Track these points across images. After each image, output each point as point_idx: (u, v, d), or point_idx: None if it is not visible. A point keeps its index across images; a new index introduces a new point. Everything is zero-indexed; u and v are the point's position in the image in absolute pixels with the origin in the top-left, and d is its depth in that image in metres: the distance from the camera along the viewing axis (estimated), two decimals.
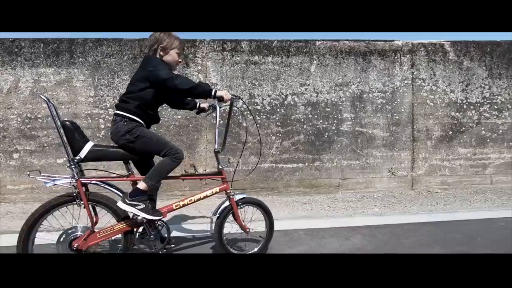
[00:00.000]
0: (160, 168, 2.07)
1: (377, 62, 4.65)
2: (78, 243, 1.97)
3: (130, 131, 2.05)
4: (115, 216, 2.09)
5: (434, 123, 4.73)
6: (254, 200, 2.38)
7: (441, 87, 4.74)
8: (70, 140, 2.01)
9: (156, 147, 2.08)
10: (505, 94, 4.84)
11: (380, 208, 3.79)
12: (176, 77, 2.01)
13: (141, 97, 2.08)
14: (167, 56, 2.19)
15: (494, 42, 4.82)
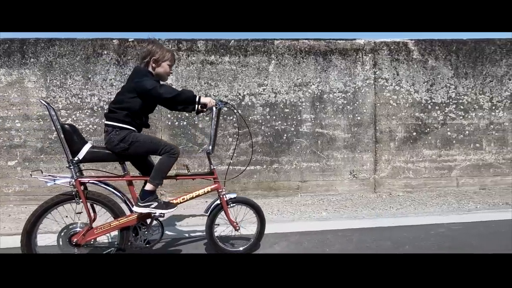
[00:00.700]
0: (160, 167, 2.20)
1: (338, 62, 4.55)
2: (77, 238, 2.12)
3: (123, 140, 2.16)
4: (112, 214, 2.23)
5: (397, 124, 4.62)
6: (244, 200, 2.52)
7: (404, 87, 4.63)
8: (69, 142, 2.14)
9: (151, 147, 2.21)
10: (472, 94, 4.72)
11: (330, 212, 3.70)
12: (160, 87, 2.13)
13: (129, 107, 2.17)
14: (159, 68, 2.29)
15: (460, 40, 4.70)
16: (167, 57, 2.30)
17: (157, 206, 2.18)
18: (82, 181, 2.16)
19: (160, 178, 2.20)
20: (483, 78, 4.75)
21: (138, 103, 2.18)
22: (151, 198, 2.18)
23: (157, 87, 2.12)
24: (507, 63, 4.77)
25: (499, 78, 4.77)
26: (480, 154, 4.75)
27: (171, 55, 2.34)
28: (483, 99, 4.75)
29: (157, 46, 2.29)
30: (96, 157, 2.19)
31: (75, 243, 2.12)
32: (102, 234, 2.19)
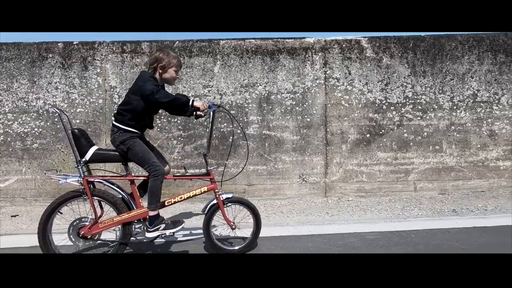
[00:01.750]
0: (151, 192, 2.42)
1: (286, 61, 4.42)
2: (84, 231, 2.38)
3: (123, 142, 2.41)
4: (115, 210, 2.45)
5: (349, 125, 4.46)
6: (240, 199, 2.67)
7: (357, 86, 4.46)
8: (77, 145, 2.42)
9: (140, 160, 2.44)
10: (430, 94, 4.50)
11: (273, 217, 3.59)
12: (157, 92, 2.32)
13: (134, 109, 2.41)
14: (165, 74, 2.50)
15: (417, 37, 4.50)
16: (173, 63, 2.50)
17: (166, 227, 2.41)
18: (89, 180, 2.42)
19: (155, 201, 2.41)
20: (443, 76, 4.51)
21: (142, 105, 2.40)
22: (158, 221, 2.40)
23: (154, 92, 2.30)
24: (469, 60, 4.52)
25: (460, 76, 4.52)
26: (440, 157, 4.52)
27: (177, 61, 2.54)
28: (443, 98, 4.52)
29: (163, 53, 2.49)
30: (101, 158, 2.48)
31: (82, 236, 2.38)
32: (106, 228, 2.43)
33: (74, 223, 2.42)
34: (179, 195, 2.56)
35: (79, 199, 2.44)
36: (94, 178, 2.47)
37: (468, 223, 3.11)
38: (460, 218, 3.35)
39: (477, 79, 4.54)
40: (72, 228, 2.41)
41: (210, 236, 2.58)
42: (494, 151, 4.58)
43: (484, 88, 4.55)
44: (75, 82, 4.39)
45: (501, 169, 4.57)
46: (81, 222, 2.43)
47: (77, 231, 2.40)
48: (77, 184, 2.40)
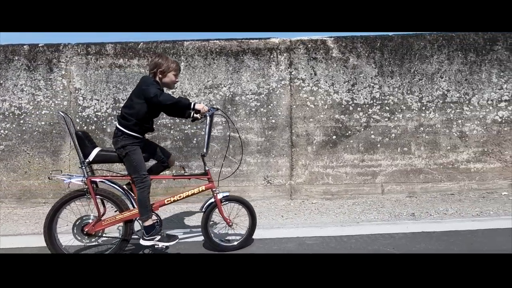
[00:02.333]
0: (140, 204, 2.52)
1: (250, 62, 4.39)
2: (88, 228, 2.50)
3: (123, 147, 2.52)
4: (117, 208, 2.58)
5: (315, 126, 4.40)
6: (236, 198, 2.78)
7: (323, 87, 4.41)
8: (81, 147, 2.54)
9: (131, 169, 2.55)
10: (398, 94, 4.42)
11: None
12: (160, 95, 2.43)
13: (137, 112, 2.51)
14: (165, 78, 2.62)
15: (385, 36, 4.43)
16: (172, 67, 2.61)
17: (161, 239, 2.51)
18: (92, 180, 2.55)
19: (146, 212, 2.52)
20: (411, 76, 4.43)
21: (145, 108, 2.51)
22: (154, 232, 2.50)
23: (158, 94, 2.41)
24: (439, 60, 4.43)
25: (429, 76, 4.44)
26: (409, 158, 4.44)
27: (176, 65, 2.65)
28: (412, 99, 4.44)
29: (162, 59, 2.62)
30: (104, 159, 2.61)
31: (86, 233, 2.50)
32: (109, 226, 2.56)
33: (78, 221, 2.54)
34: (178, 194, 2.70)
35: (83, 198, 2.57)
36: (97, 178, 2.60)
37: (418, 228, 3.05)
38: (414, 223, 3.28)
39: (446, 79, 4.45)
40: (76, 226, 2.53)
41: (208, 234, 2.67)
42: (465, 153, 4.48)
43: (454, 88, 4.46)
44: (40, 84, 4.42)
45: (471, 172, 4.47)
46: (84, 220, 2.55)
47: (82, 229, 2.52)
48: (81, 183, 2.53)
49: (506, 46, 4.46)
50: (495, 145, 4.49)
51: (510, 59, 4.46)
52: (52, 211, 2.50)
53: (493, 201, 4.05)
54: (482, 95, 4.47)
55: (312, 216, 3.69)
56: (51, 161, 4.41)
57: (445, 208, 3.76)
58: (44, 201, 4.41)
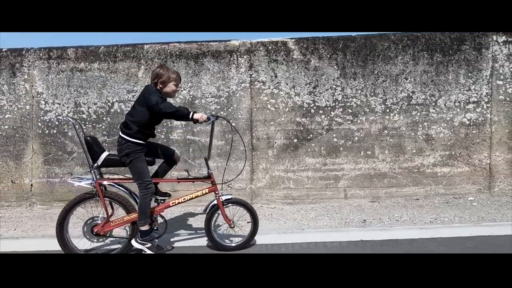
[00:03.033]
0: (141, 209, 2.64)
1: (210, 65, 4.36)
2: (97, 228, 2.64)
3: (127, 155, 2.65)
4: (125, 210, 2.71)
5: (276, 130, 4.35)
6: (238, 200, 2.90)
7: (284, 89, 4.34)
8: (90, 151, 2.67)
9: (136, 175, 2.68)
10: (361, 96, 4.32)
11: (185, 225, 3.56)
12: (161, 103, 2.55)
13: (140, 120, 2.63)
14: (166, 88, 2.73)
15: (347, 37, 4.33)
16: (172, 78, 2.73)
17: (150, 247, 2.64)
18: (101, 183, 2.68)
19: (145, 217, 2.63)
20: (374, 78, 4.33)
21: (147, 116, 2.62)
22: (148, 238, 2.63)
23: (159, 103, 2.53)
24: (403, 61, 4.31)
25: (393, 77, 4.33)
26: (372, 162, 4.34)
27: (176, 75, 2.77)
28: (375, 101, 4.34)
29: (163, 69, 2.74)
30: (111, 163, 2.74)
31: (95, 233, 2.64)
32: (116, 226, 2.70)
33: (88, 222, 2.67)
34: (183, 197, 2.83)
35: (92, 200, 2.70)
36: (105, 181, 2.72)
37: (361, 236, 2.98)
38: (361, 230, 3.21)
39: (412, 80, 4.33)
40: (86, 226, 2.66)
41: (211, 234, 2.80)
42: (431, 157, 4.35)
43: (420, 90, 4.33)
44: (3, 89, 4.48)
45: (438, 176, 4.35)
46: (94, 220, 2.68)
47: (91, 229, 2.65)
48: (90, 186, 2.66)
49: (474, 46, 4.31)
50: (463, 149, 4.35)
51: (478, 59, 4.31)
52: (63, 212, 2.64)
53: (454, 207, 3.93)
54: (449, 96, 4.34)
55: (262, 222, 3.63)
56: (14, 165, 4.47)
57: (400, 215, 3.66)
58: (8, 204, 4.47)
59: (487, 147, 4.36)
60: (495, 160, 4.35)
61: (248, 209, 2.84)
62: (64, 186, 4.49)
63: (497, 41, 4.32)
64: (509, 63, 4.32)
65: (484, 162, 4.37)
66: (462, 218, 3.49)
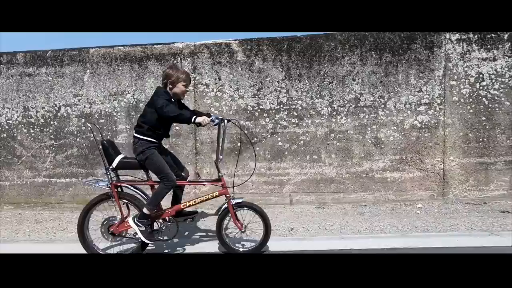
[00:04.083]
0: (156, 196, 2.68)
1: (154, 68, 4.33)
2: (113, 228, 2.72)
3: (142, 152, 2.68)
4: (139, 211, 2.72)
5: None
6: (249, 205, 2.82)
7: (227, 92, 4.27)
8: (106, 154, 2.74)
9: (156, 170, 2.69)
10: (307, 99, 4.19)
11: None
12: (166, 106, 2.57)
13: (149, 120, 2.68)
14: (175, 88, 2.74)
15: (292, 37, 4.22)
16: (181, 78, 2.72)
17: (143, 231, 2.63)
18: (116, 184, 2.75)
19: (154, 204, 2.68)
20: (320, 79, 4.19)
21: (155, 116, 2.65)
22: (144, 222, 2.64)
23: (163, 106, 2.56)
24: (351, 61, 4.15)
25: (340, 78, 4.18)
26: (319, 167, 4.20)
27: (186, 76, 2.76)
28: (321, 103, 4.20)
29: (172, 69, 2.74)
30: (126, 166, 2.78)
31: (111, 232, 2.72)
32: (130, 227, 2.70)
33: (105, 222, 2.75)
34: (194, 199, 2.82)
35: (109, 201, 2.78)
36: (121, 183, 2.79)
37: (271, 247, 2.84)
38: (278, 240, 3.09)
39: (359, 81, 4.16)
40: (103, 226, 2.74)
41: (222, 237, 2.79)
42: (380, 161, 4.17)
43: (368, 92, 4.17)
44: None
45: (388, 181, 4.16)
46: (110, 221, 2.76)
47: (108, 229, 2.73)
48: (106, 188, 2.73)
49: (426, 45, 4.11)
50: (414, 153, 4.15)
51: (430, 59, 4.11)
52: (83, 213, 2.75)
53: (397, 215, 3.75)
54: (399, 98, 4.15)
55: (192, 227, 3.56)
56: None
57: (333, 223, 3.52)
58: None
59: (441, 151, 4.14)
60: (449, 165, 4.13)
61: (259, 214, 2.77)
62: (14, 189, 4.55)
63: (450, 39, 4.10)
64: (463, 62, 4.10)
65: (437, 167, 4.15)
66: (395, 228, 3.32)
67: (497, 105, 4.10)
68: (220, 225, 2.77)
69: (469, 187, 4.16)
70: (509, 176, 4.12)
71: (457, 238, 2.95)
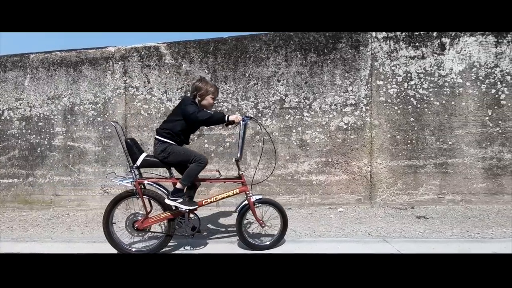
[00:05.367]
0: (189, 172, 2.81)
1: (88, 72, 4.47)
2: (138, 224, 2.85)
3: (164, 150, 2.84)
4: (162, 207, 2.89)
5: (149, 135, 4.36)
6: (269, 201, 2.96)
7: (156, 95, 4.34)
8: (130, 153, 2.87)
9: (184, 158, 2.83)
10: (233, 100, 4.20)
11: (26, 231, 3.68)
12: (198, 112, 2.76)
13: (172, 127, 2.85)
14: (204, 101, 2.91)
15: (218, 39, 4.23)
16: (210, 91, 2.89)
17: (182, 202, 2.77)
18: (140, 182, 2.86)
19: (188, 180, 2.82)
20: (246, 81, 4.18)
21: (180, 125, 2.83)
22: (179, 195, 2.80)
23: (195, 112, 2.74)
24: (276, 62, 4.12)
25: (265, 80, 4.15)
26: (244, 169, 4.20)
27: (214, 89, 2.93)
28: (247, 105, 4.20)
29: (202, 83, 2.91)
30: (149, 164, 2.89)
31: (136, 228, 2.85)
32: (154, 223, 2.87)
33: (130, 217, 2.87)
34: (215, 196, 2.95)
35: (133, 198, 2.89)
36: (144, 180, 2.88)
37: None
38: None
39: (284, 82, 4.12)
40: (128, 221, 2.86)
41: (242, 233, 2.88)
42: (306, 164, 4.11)
43: (293, 93, 4.11)
44: None
45: (313, 184, 4.09)
46: (135, 216, 2.87)
47: (132, 224, 2.85)
48: (131, 185, 2.82)
49: (352, 44, 4.00)
50: (341, 155, 4.05)
51: (356, 58, 4.00)
52: (108, 209, 2.85)
53: (310, 219, 3.71)
54: (324, 99, 4.07)
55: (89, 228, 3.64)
56: None
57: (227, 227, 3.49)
58: None
59: (367, 153, 4.02)
60: (377, 168, 4.01)
61: (278, 209, 2.89)
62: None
63: (377, 37, 3.98)
64: (391, 61, 3.96)
65: (364, 170, 4.03)
66: (293, 232, 3.25)
67: (426, 105, 3.93)
68: (240, 221, 2.85)
69: (397, 191, 4.01)
70: (439, 179, 3.94)
71: (342, 244, 2.88)
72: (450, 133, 3.91)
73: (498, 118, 3.85)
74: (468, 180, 3.91)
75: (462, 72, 3.89)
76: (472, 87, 3.88)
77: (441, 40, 3.90)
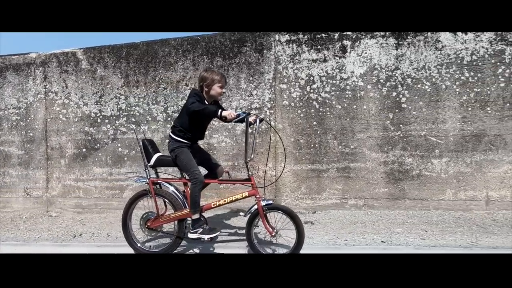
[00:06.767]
0: (191, 198, 2.79)
1: (12, 78, 4.64)
2: (150, 223, 2.94)
3: (173, 150, 2.86)
4: (173, 207, 2.93)
5: (67, 139, 4.47)
6: (280, 207, 2.74)
7: (73, 100, 4.46)
8: (145, 153, 2.96)
9: (184, 168, 2.86)
10: (144, 105, 4.29)
11: None
12: (192, 103, 2.69)
13: (182, 122, 2.85)
14: (211, 91, 2.82)
15: (131, 44, 4.33)
16: (216, 80, 2.80)
17: (203, 232, 2.75)
18: (154, 181, 2.94)
19: (195, 206, 2.77)
20: (156, 85, 4.26)
21: (187, 120, 2.80)
22: (198, 225, 2.78)
23: (191, 103, 2.69)
24: (184, 66, 4.18)
25: (174, 84, 4.22)
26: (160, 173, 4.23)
27: (220, 77, 2.84)
28: (157, 109, 4.27)
29: (207, 72, 2.84)
30: (162, 163, 2.97)
31: (148, 227, 2.93)
32: (165, 223, 2.92)
33: (144, 216, 2.97)
34: (223, 199, 2.85)
35: (147, 197, 2.95)
36: (157, 180, 2.96)
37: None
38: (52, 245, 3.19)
39: (192, 86, 4.17)
40: (142, 220, 2.96)
41: (252, 241, 2.74)
42: None
43: None
44: None
45: (220, 188, 4.13)
46: (149, 215, 2.96)
47: (145, 222, 2.94)
48: (146, 184, 2.92)
49: (255, 47, 4.02)
50: None
51: (260, 62, 4.01)
52: (126, 207, 2.99)
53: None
54: (230, 103, 4.10)
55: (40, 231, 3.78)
56: None
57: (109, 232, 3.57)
58: None
59: (272, 157, 4.01)
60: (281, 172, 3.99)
61: (291, 217, 2.59)
62: None
63: (280, 40, 3.98)
64: (293, 65, 3.95)
65: (269, 174, 4.02)
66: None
67: (329, 108, 3.90)
68: (250, 227, 2.71)
69: (301, 195, 4.00)
70: (342, 184, 3.90)
71: None
72: (352, 137, 3.87)
73: (399, 122, 3.79)
74: (370, 184, 3.86)
75: (363, 75, 3.84)
76: (373, 90, 3.83)
77: (343, 42, 3.87)
